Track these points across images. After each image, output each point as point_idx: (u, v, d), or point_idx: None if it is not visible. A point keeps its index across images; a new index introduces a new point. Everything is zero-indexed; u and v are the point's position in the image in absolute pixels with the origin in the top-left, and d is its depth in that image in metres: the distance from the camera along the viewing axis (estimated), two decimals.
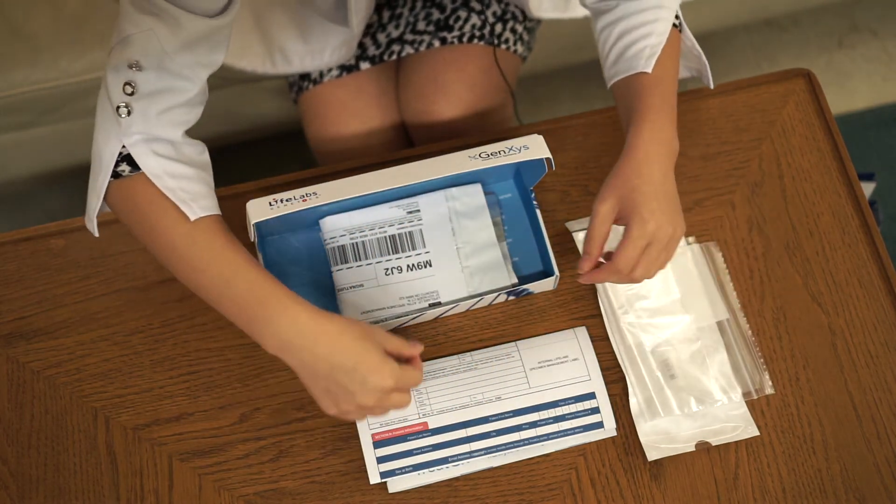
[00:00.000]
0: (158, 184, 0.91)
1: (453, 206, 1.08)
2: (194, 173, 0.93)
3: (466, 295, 1.05)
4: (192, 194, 0.92)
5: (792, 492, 1.00)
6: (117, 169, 0.91)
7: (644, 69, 0.99)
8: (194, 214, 0.91)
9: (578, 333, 1.05)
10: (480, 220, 1.07)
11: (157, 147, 0.92)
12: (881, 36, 2.00)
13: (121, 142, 0.91)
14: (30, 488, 1.00)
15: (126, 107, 0.90)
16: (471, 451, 1.00)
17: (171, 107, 0.92)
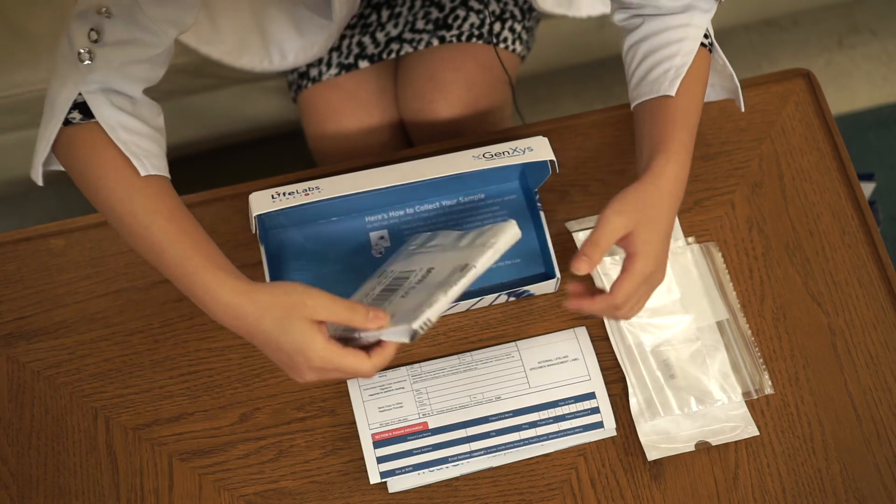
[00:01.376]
0: (112, 135, 0.88)
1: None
2: (149, 132, 0.91)
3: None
4: (145, 151, 0.90)
5: (792, 492, 1.00)
6: (69, 116, 0.89)
7: (668, 92, 0.94)
8: (145, 170, 0.89)
9: (578, 333, 1.05)
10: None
11: (115, 99, 0.90)
12: (881, 36, 2.00)
13: (77, 88, 0.88)
14: (30, 488, 1.00)
15: (88, 52, 0.88)
16: (471, 450, 1.00)
17: (135, 60, 0.90)
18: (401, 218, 1.10)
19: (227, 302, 0.85)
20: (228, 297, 0.85)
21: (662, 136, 0.93)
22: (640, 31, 0.99)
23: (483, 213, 1.11)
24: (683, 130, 0.94)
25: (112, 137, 0.89)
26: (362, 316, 0.84)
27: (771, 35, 1.99)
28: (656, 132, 0.94)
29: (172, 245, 0.88)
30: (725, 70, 1.02)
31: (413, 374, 1.03)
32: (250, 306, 0.85)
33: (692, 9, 0.97)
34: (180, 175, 1.80)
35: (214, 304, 0.86)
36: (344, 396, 1.03)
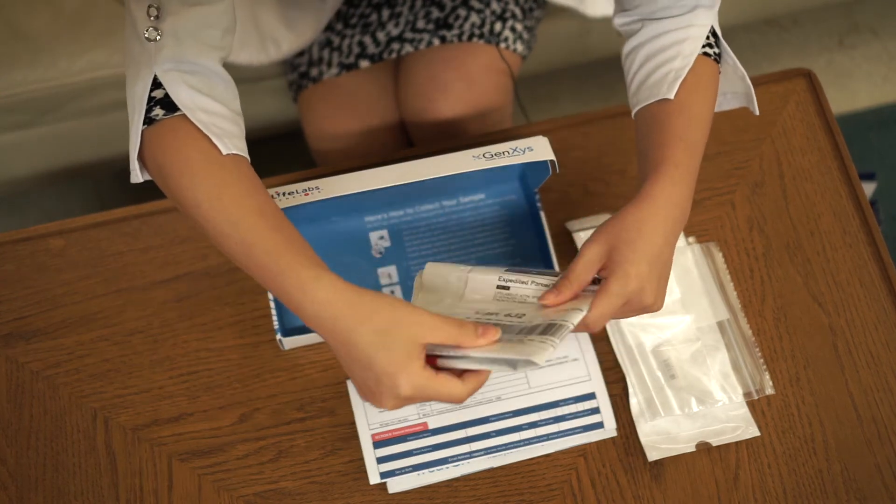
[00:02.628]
0: (192, 116, 0.83)
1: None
2: (227, 113, 0.86)
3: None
4: (225, 132, 0.84)
5: (792, 492, 1.00)
6: (150, 114, 0.84)
7: (667, 95, 0.88)
8: (227, 149, 0.83)
9: (578, 334, 1.05)
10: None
11: (191, 80, 0.85)
12: (882, 36, 2.00)
13: (152, 70, 0.84)
14: (29, 489, 1.00)
15: (155, 29, 0.83)
16: (471, 451, 1.00)
17: (202, 25, 0.85)
18: (401, 218, 1.10)
19: (325, 300, 0.78)
20: (327, 294, 0.78)
21: (658, 154, 0.87)
22: (639, 35, 0.94)
23: (483, 213, 1.11)
24: (681, 146, 0.87)
25: (191, 118, 0.83)
26: (472, 333, 0.77)
27: (771, 35, 1.99)
28: (652, 149, 0.88)
29: (263, 241, 0.81)
30: (737, 72, 0.96)
31: None
32: (349, 310, 0.77)
33: (695, 9, 0.92)
34: None
35: (309, 303, 0.78)
36: (344, 396, 1.03)
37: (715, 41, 0.93)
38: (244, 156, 0.86)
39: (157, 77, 0.84)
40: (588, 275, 0.84)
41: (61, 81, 1.44)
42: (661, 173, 0.86)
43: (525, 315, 0.84)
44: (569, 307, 0.83)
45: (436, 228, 1.10)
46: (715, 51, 0.93)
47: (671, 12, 0.92)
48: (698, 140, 0.89)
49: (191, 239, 1.09)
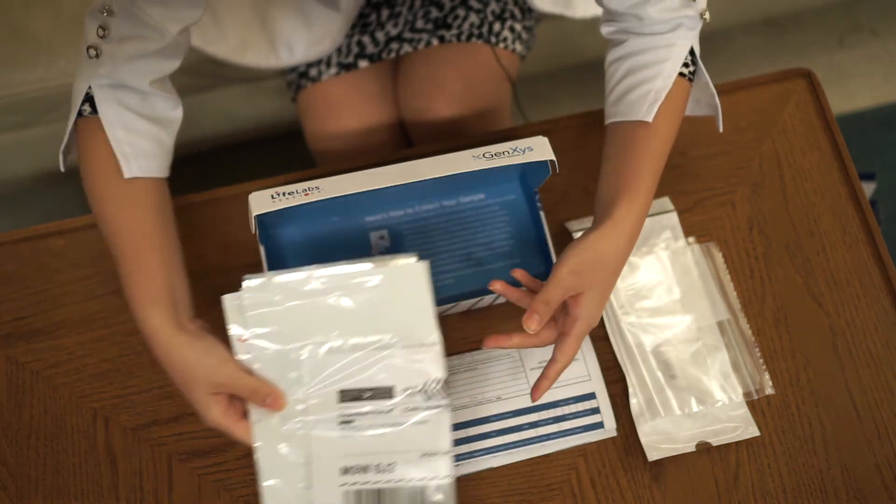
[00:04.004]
0: (109, 132, 0.93)
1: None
2: (150, 130, 0.95)
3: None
4: (138, 151, 0.94)
5: (793, 492, 1.00)
6: (81, 108, 0.94)
7: (645, 118, 0.94)
8: (129, 172, 0.93)
9: None
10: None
11: (123, 96, 0.94)
12: (882, 35, 2.00)
13: (88, 82, 0.93)
14: (29, 489, 1.00)
15: (95, 49, 0.92)
16: (471, 451, 1.00)
17: (140, 55, 0.93)
18: (401, 218, 1.10)
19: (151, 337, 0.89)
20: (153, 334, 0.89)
21: (629, 175, 0.92)
22: (624, 47, 0.98)
23: (483, 213, 1.11)
24: (650, 171, 0.93)
25: (108, 134, 0.93)
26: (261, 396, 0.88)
27: (772, 35, 1.99)
28: (623, 169, 0.93)
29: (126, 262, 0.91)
30: (708, 89, 1.01)
31: None
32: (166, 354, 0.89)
33: (678, 28, 0.96)
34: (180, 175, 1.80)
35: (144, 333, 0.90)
36: None
37: (692, 59, 0.98)
38: (150, 176, 0.95)
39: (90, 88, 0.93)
40: (562, 295, 0.89)
41: (61, 81, 1.44)
42: (634, 198, 0.92)
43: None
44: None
45: (436, 228, 1.10)
46: (690, 70, 0.98)
47: (655, 29, 0.96)
48: (664, 159, 0.95)
49: (191, 239, 1.09)
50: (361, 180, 0.97)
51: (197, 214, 1.11)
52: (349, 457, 0.89)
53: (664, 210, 1.11)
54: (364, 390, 0.90)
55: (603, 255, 0.90)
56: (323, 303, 0.90)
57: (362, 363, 0.90)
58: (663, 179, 1.11)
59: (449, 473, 0.90)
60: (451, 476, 0.90)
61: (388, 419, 0.90)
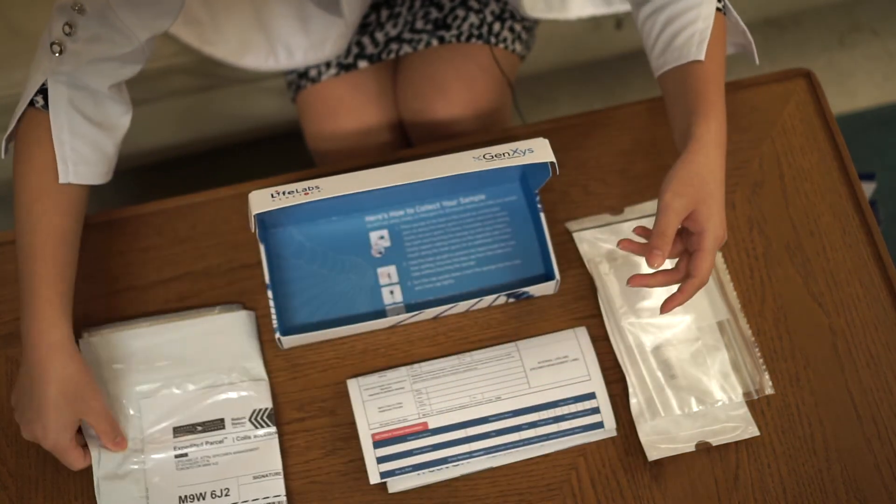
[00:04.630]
0: (54, 133, 0.93)
1: None
2: (96, 136, 0.96)
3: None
4: (78, 156, 0.94)
5: (792, 492, 1.00)
6: (33, 98, 0.94)
7: (697, 57, 0.95)
8: (65, 177, 0.94)
9: (578, 333, 1.05)
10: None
11: (77, 96, 0.94)
12: (882, 35, 2.00)
13: (45, 76, 0.93)
14: (29, 489, 1.00)
15: (59, 45, 0.92)
16: (470, 451, 1.00)
17: (104, 58, 0.94)
18: (401, 218, 1.10)
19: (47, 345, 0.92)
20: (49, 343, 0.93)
21: (698, 101, 0.94)
22: (655, 2, 1.00)
23: (483, 213, 1.11)
24: (715, 91, 0.95)
25: (53, 134, 0.93)
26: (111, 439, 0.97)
27: (772, 34, 1.99)
28: (691, 97, 0.95)
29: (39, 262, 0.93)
30: (738, 27, 1.04)
31: (413, 375, 1.03)
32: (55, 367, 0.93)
33: None
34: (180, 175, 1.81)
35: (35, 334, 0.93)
36: (344, 396, 1.03)
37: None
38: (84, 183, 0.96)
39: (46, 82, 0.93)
40: (676, 226, 0.90)
41: None
42: (710, 114, 0.93)
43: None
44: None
45: (436, 229, 1.10)
46: (721, 5, 1.01)
47: None
48: (722, 83, 0.97)
49: (191, 239, 1.09)
50: (361, 180, 0.98)
51: (197, 214, 1.11)
52: (186, 486, 0.97)
53: None
54: (197, 424, 1.00)
55: (698, 170, 0.91)
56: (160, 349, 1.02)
57: (197, 400, 1.01)
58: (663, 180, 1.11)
59: (281, 493, 0.98)
60: (283, 495, 0.98)
61: (221, 448, 0.99)
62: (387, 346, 1.05)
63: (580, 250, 1.09)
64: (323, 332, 1.03)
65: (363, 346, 1.05)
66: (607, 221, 1.11)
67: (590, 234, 1.10)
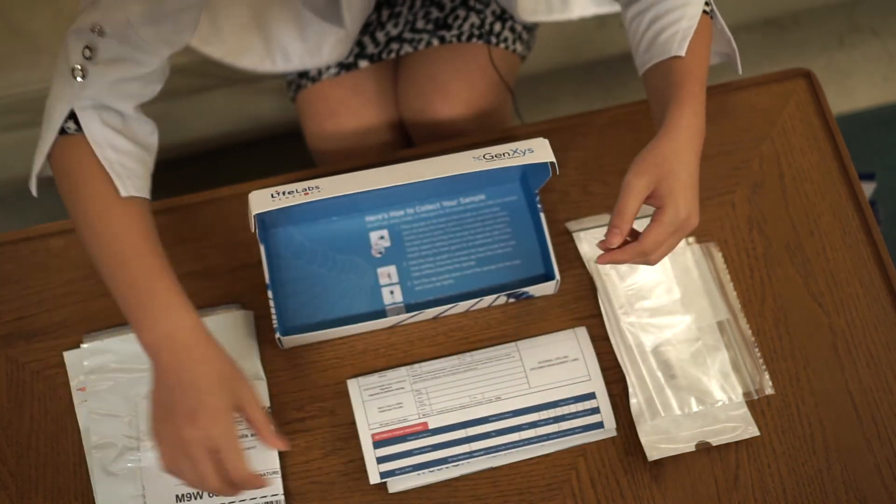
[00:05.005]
0: (98, 152, 0.91)
1: None
2: (136, 151, 0.93)
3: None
4: (129, 171, 0.92)
5: (792, 492, 1.00)
6: (64, 125, 0.91)
7: (677, 53, 0.96)
8: (126, 191, 0.91)
9: (578, 333, 1.05)
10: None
11: (106, 116, 0.92)
12: (882, 35, 2.00)
13: (71, 104, 0.91)
14: (29, 489, 1.00)
15: (81, 70, 0.90)
16: (471, 451, 1.00)
17: (127, 78, 0.92)
18: (401, 218, 1.10)
19: (188, 328, 0.87)
20: (191, 326, 0.87)
21: (674, 90, 0.95)
22: (643, 1, 1.01)
23: (483, 214, 1.11)
24: (694, 83, 0.95)
25: (98, 155, 0.91)
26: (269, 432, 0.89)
27: (772, 34, 1.99)
28: (670, 90, 0.96)
29: (141, 259, 0.89)
30: (724, 34, 1.04)
31: (413, 375, 1.03)
32: (204, 348, 0.87)
33: None
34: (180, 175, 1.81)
35: (171, 324, 0.87)
36: (344, 396, 1.03)
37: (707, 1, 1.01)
38: (143, 196, 0.93)
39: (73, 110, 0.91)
40: (638, 203, 0.91)
41: None
42: (683, 105, 0.94)
43: None
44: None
45: (436, 229, 1.10)
46: (709, 7, 1.01)
47: None
48: (704, 79, 0.97)
49: (191, 239, 1.09)
50: (361, 180, 0.98)
51: (197, 214, 1.11)
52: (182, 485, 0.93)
53: None
54: None
55: (663, 151, 0.92)
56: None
57: None
58: None
59: (279, 492, 0.98)
60: (281, 494, 0.98)
61: None
62: (387, 346, 1.05)
63: (580, 250, 1.09)
64: (323, 332, 1.03)
65: (363, 346, 1.05)
66: (607, 221, 1.11)
67: (590, 234, 1.10)
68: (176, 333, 0.87)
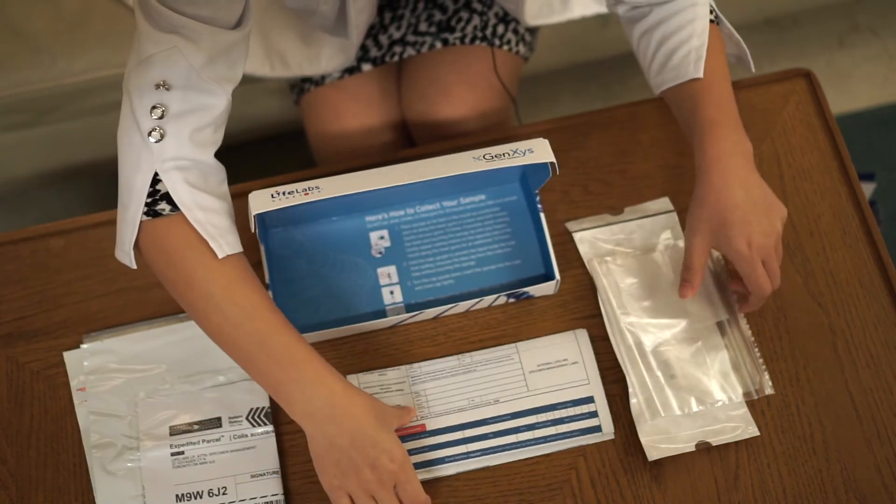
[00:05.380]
0: (189, 215, 0.89)
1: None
2: (221, 207, 0.92)
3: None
4: (220, 229, 0.90)
5: (792, 492, 1.00)
6: (156, 208, 0.89)
7: (695, 75, 0.97)
8: (222, 252, 0.89)
9: (579, 336, 1.05)
10: None
11: (190, 177, 0.90)
12: (881, 35, 2.00)
13: (153, 168, 0.88)
14: (29, 488, 1.00)
15: (159, 130, 0.87)
16: (468, 451, 1.00)
17: (202, 126, 0.90)
18: (401, 218, 1.10)
19: (340, 393, 0.90)
20: (342, 390, 0.90)
21: (697, 124, 0.97)
22: (649, 19, 1.01)
23: (483, 214, 1.11)
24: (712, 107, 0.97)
25: (188, 217, 0.89)
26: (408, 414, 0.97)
27: (771, 35, 1.99)
28: (693, 120, 0.98)
29: (280, 334, 0.90)
30: (732, 37, 1.04)
31: (412, 376, 1.03)
32: (359, 402, 0.91)
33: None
34: None
35: (326, 393, 0.89)
36: None
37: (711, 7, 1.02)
38: (238, 251, 0.92)
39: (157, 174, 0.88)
40: (704, 258, 0.99)
41: (61, 81, 1.44)
42: (707, 139, 0.96)
43: None
44: None
45: (436, 229, 1.10)
46: (713, 14, 1.01)
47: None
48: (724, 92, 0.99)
49: None
50: (361, 180, 0.98)
51: None
52: (183, 484, 0.97)
53: (664, 210, 1.11)
54: (194, 423, 1.00)
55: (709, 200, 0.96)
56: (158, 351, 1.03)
57: (194, 399, 1.01)
58: (663, 180, 1.11)
59: (279, 492, 0.98)
60: (280, 494, 0.99)
61: (218, 447, 0.99)
62: (387, 346, 1.05)
63: (580, 250, 1.09)
64: (323, 332, 1.03)
65: (363, 346, 1.05)
66: (607, 221, 1.11)
67: (590, 234, 1.10)
68: (333, 401, 0.90)
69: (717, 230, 0.96)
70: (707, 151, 0.96)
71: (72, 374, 1.03)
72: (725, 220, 0.95)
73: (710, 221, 0.96)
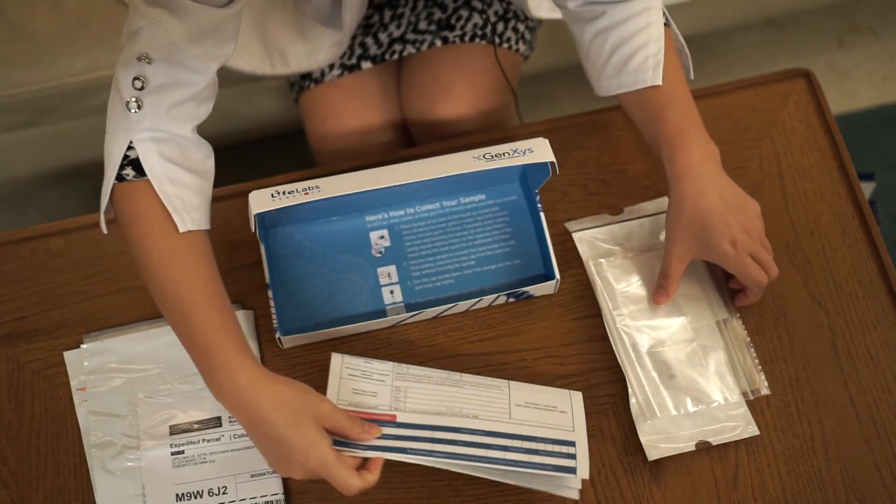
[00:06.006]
0: (157, 186, 0.90)
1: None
2: (194, 182, 0.93)
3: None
4: (187, 204, 0.91)
5: (792, 492, 1.00)
6: (122, 172, 0.91)
7: (654, 82, 0.99)
8: (184, 226, 0.90)
9: (573, 396, 0.99)
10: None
11: (165, 149, 0.91)
12: (881, 35, 2.00)
13: (129, 137, 0.90)
14: (30, 488, 1.00)
15: (136, 101, 0.90)
16: (432, 450, 0.92)
17: (182, 101, 0.92)
18: (401, 218, 1.10)
19: (244, 386, 0.87)
20: (247, 382, 0.87)
21: (663, 133, 0.99)
22: (602, 20, 1.02)
23: (483, 213, 1.11)
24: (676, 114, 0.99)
25: (156, 189, 0.90)
26: (360, 428, 0.90)
27: (771, 35, 1.99)
28: (656, 128, 1.00)
29: (200, 317, 0.89)
30: (676, 42, 1.05)
31: (398, 373, 0.98)
32: (267, 395, 0.87)
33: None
34: None
35: (230, 385, 0.88)
36: None
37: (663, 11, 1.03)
38: (201, 229, 0.92)
39: (132, 143, 0.90)
40: (683, 266, 1.02)
41: (61, 81, 1.44)
42: (675, 147, 0.98)
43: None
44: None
45: (436, 228, 1.10)
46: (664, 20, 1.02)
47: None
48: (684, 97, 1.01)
49: None
50: (361, 180, 0.98)
51: None
52: (183, 484, 0.97)
53: (663, 210, 1.11)
54: (193, 423, 1.00)
55: (685, 209, 0.98)
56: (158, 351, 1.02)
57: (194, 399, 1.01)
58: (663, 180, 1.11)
59: (279, 491, 0.98)
60: (280, 493, 0.98)
61: (218, 446, 0.99)
62: (387, 346, 1.05)
63: (580, 250, 1.09)
64: (323, 331, 1.03)
65: (363, 346, 1.05)
66: (607, 221, 1.11)
67: (589, 233, 1.10)
68: (240, 394, 0.88)
69: (698, 236, 0.98)
70: (678, 162, 0.98)
71: (72, 374, 1.03)
72: (704, 224, 0.97)
73: (690, 229, 0.98)
